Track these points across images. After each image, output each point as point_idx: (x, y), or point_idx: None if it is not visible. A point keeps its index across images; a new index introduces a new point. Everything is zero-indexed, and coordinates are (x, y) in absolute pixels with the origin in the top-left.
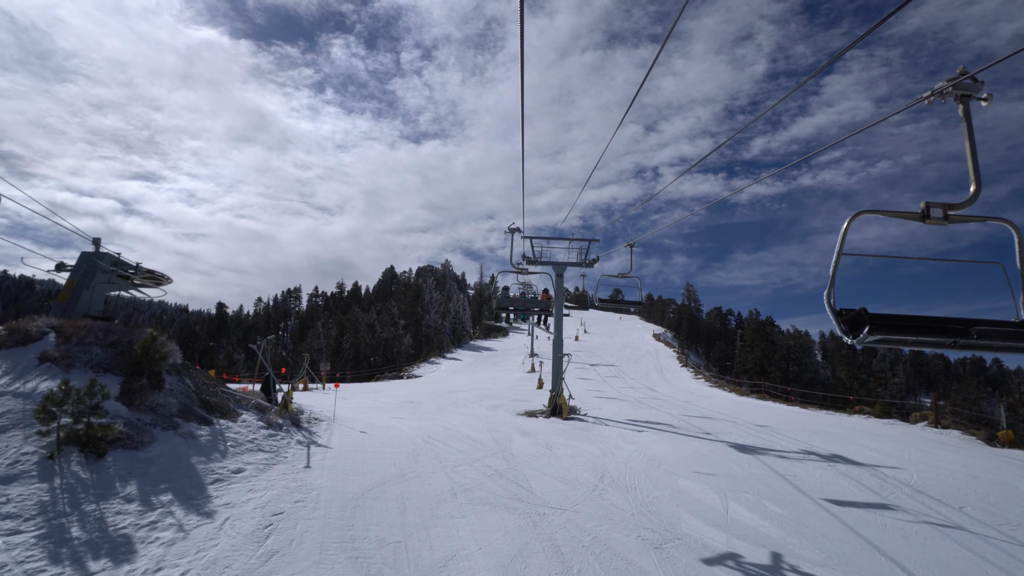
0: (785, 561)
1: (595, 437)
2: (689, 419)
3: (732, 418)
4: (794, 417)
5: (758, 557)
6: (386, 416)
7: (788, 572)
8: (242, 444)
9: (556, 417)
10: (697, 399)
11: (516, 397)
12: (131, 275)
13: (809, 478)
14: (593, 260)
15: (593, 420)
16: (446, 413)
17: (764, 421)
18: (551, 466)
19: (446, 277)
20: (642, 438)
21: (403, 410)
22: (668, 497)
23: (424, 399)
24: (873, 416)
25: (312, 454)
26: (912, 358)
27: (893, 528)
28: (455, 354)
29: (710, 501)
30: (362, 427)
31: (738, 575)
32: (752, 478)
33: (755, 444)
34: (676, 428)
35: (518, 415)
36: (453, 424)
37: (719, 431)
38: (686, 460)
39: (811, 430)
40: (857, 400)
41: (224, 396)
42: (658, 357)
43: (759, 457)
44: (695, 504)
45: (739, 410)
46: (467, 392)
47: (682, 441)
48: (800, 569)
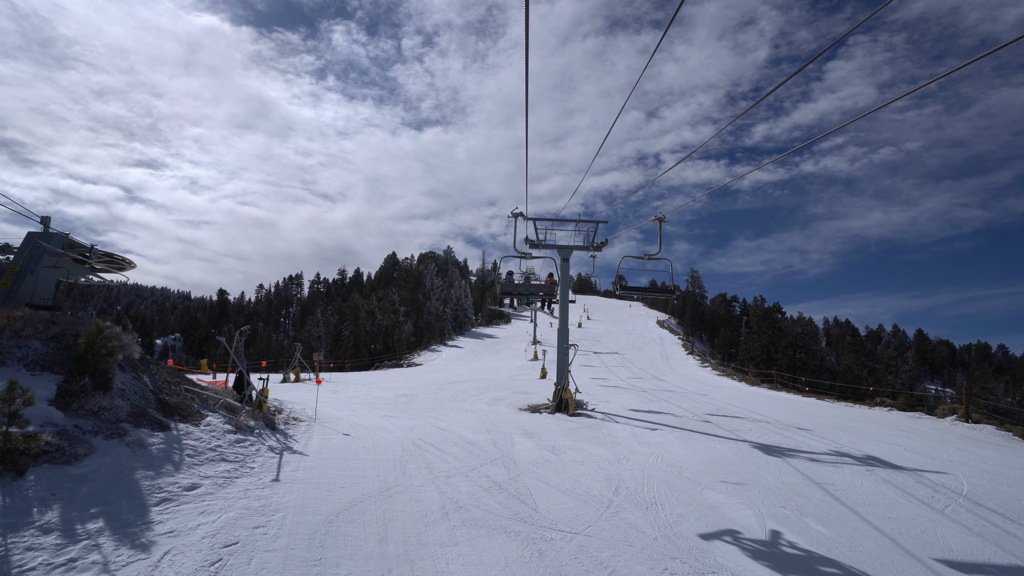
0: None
1: (605, 438)
2: (703, 414)
3: (748, 411)
4: (813, 410)
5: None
6: (375, 414)
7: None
8: (202, 453)
9: (562, 413)
10: (707, 389)
11: (518, 388)
12: (87, 259)
13: (849, 487)
14: (601, 243)
15: (602, 416)
16: (442, 409)
17: (781, 415)
18: (558, 475)
19: (448, 263)
20: (657, 438)
21: (395, 406)
22: (695, 515)
23: (420, 392)
24: (896, 409)
25: (284, 463)
26: (917, 344)
27: (959, 550)
28: (457, 341)
29: (744, 520)
30: (347, 428)
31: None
32: (786, 488)
33: (780, 444)
34: (691, 424)
35: (521, 410)
36: (449, 424)
37: (738, 428)
38: (709, 465)
39: (835, 425)
40: (877, 392)
41: (188, 395)
42: (663, 345)
43: (788, 460)
44: (727, 524)
45: (754, 402)
46: (467, 383)
47: (700, 441)
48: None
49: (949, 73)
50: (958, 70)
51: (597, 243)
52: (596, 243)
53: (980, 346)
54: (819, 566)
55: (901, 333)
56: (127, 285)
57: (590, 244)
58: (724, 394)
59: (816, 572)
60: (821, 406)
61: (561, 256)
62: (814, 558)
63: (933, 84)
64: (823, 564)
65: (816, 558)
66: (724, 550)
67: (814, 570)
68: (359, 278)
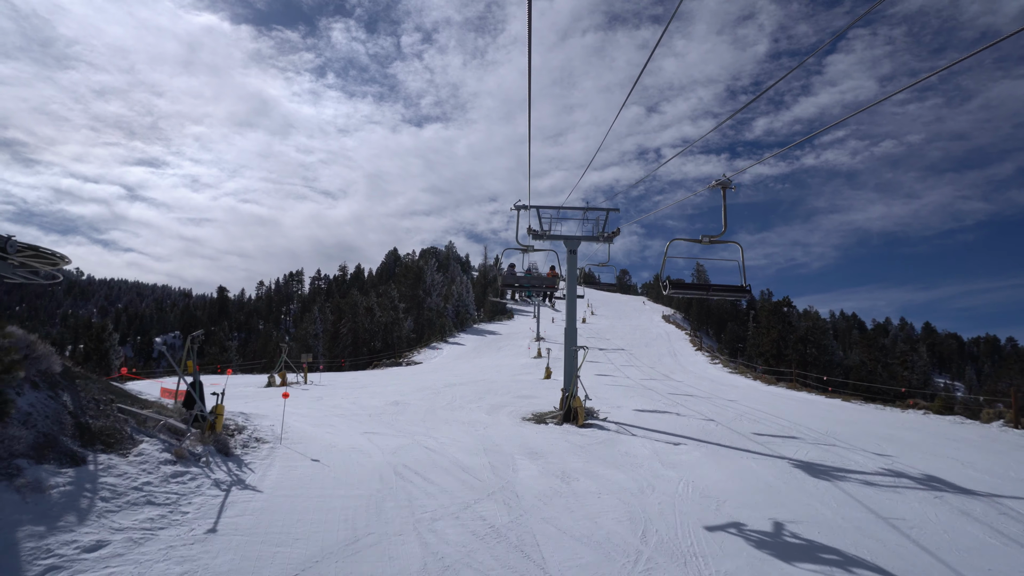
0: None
1: (622, 457)
2: (726, 421)
3: (773, 416)
4: (842, 414)
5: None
6: (356, 431)
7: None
8: (123, 495)
9: (570, 424)
10: (722, 390)
11: (521, 392)
12: (4, 255)
13: (924, 523)
14: (612, 233)
15: (615, 427)
16: (435, 421)
17: (811, 420)
18: (570, 514)
19: (449, 259)
20: (682, 457)
21: (382, 419)
22: (749, 574)
23: (414, 398)
24: (932, 412)
25: (229, 505)
26: (925, 338)
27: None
28: (458, 338)
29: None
30: (317, 452)
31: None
32: (851, 527)
33: (823, 461)
34: (716, 435)
35: (524, 420)
36: (440, 442)
37: (768, 439)
38: (751, 495)
39: (874, 434)
40: (910, 393)
41: (122, 417)
42: (670, 340)
43: (840, 485)
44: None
45: (776, 405)
46: (466, 386)
47: (732, 459)
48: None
49: (950, 66)
50: (959, 63)
51: (608, 232)
52: (607, 232)
53: (989, 339)
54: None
55: (909, 326)
56: (128, 283)
57: (600, 234)
58: (741, 395)
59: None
60: (850, 409)
61: (568, 248)
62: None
63: (934, 77)
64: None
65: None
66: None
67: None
68: (360, 274)
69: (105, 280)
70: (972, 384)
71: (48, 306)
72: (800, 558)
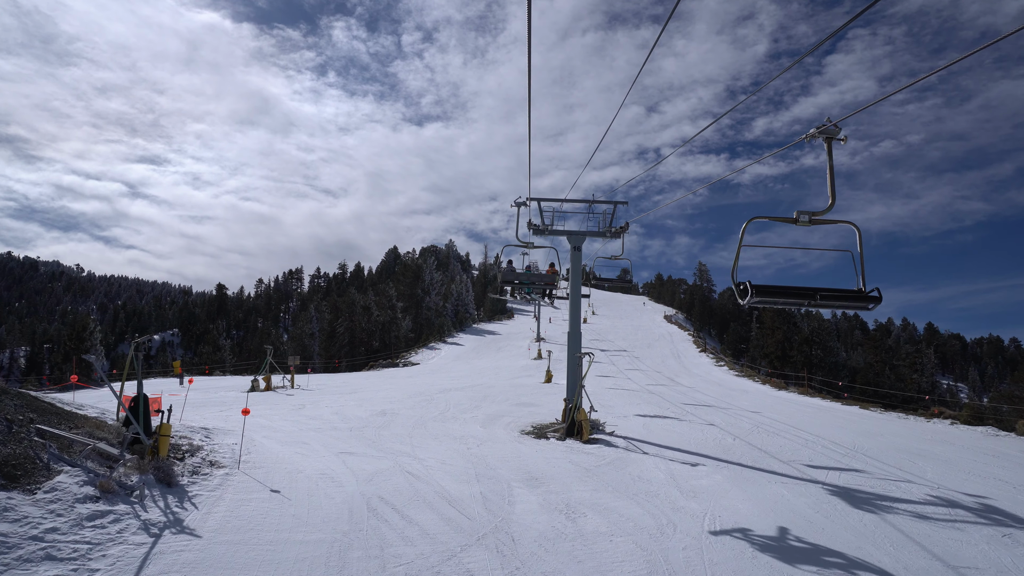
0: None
1: (635, 483)
2: (744, 434)
3: (793, 427)
4: (865, 424)
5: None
6: (331, 450)
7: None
8: (15, 548)
9: (574, 439)
10: (731, 395)
11: (520, 398)
12: None
13: (1003, 572)
14: (620, 228)
15: (623, 443)
16: (424, 436)
17: (834, 431)
18: (577, 565)
19: (449, 257)
20: (703, 481)
21: (363, 434)
22: None
23: (404, 406)
24: (960, 422)
25: (154, 558)
26: (928, 339)
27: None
28: (457, 338)
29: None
30: (280, 479)
31: None
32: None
33: (860, 486)
34: (736, 453)
35: (523, 434)
36: (427, 464)
37: (795, 456)
38: (789, 534)
39: (906, 449)
40: (935, 401)
41: (41, 440)
42: (672, 341)
43: (888, 518)
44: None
45: (793, 414)
46: (461, 391)
47: (758, 484)
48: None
49: (949, 65)
50: (958, 62)
51: (615, 228)
52: (614, 227)
53: (992, 339)
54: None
55: (911, 327)
56: (128, 280)
57: (607, 229)
58: (753, 402)
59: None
60: (871, 419)
61: (571, 244)
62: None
63: (933, 77)
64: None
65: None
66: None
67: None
68: (360, 272)
69: (105, 277)
70: (976, 385)
71: (47, 302)
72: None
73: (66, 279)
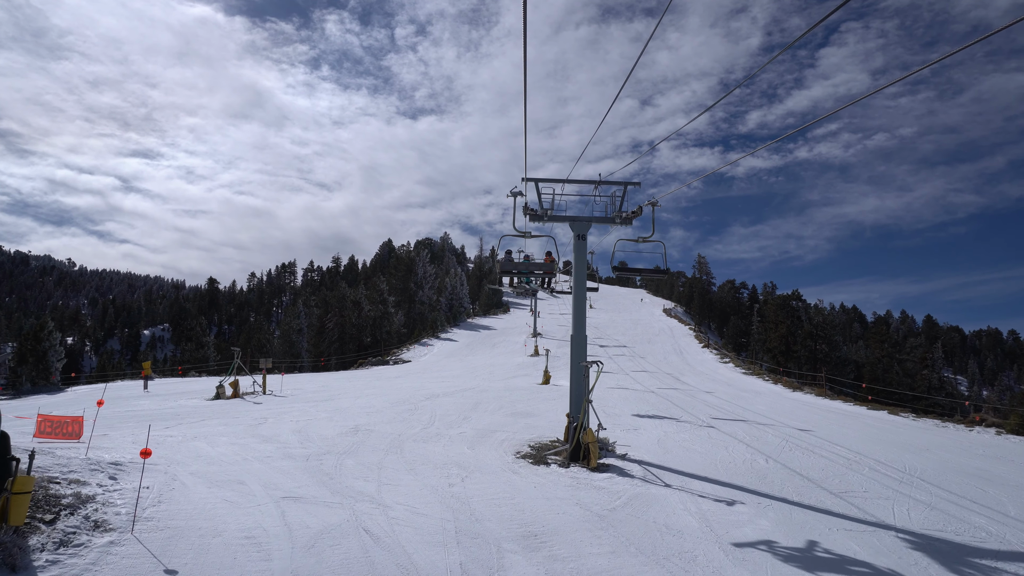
0: None
1: (663, 537)
2: (775, 452)
3: (827, 440)
4: (903, 435)
5: None
6: (275, 491)
7: None
8: None
9: (580, 465)
10: (744, 397)
11: (516, 406)
12: None
13: None
14: (632, 213)
15: (639, 471)
16: (396, 468)
17: (872, 446)
18: None
19: (444, 250)
20: (747, 530)
21: (324, 462)
22: None
23: (382, 418)
24: (1007, 431)
25: None
26: (926, 331)
27: None
28: (450, 334)
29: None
30: (185, 550)
31: None
32: None
33: (940, 531)
34: (777, 482)
35: (518, 457)
36: (391, 517)
37: (848, 486)
38: None
39: (960, 468)
40: (975, 406)
41: None
42: (674, 336)
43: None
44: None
45: (819, 423)
46: (451, 397)
47: (817, 531)
48: None
49: (942, 59)
50: (951, 56)
51: (626, 213)
52: (625, 213)
53: (990, 332)
54: None
55: (910, 319)
56: (120, 274)
57: (616, 214)
58: (769, 406)
59: None
60: (907, 427)
61: (575, 232)
62: None
63: (926, 70)
64: None
65: None
66: None
67: None
68: (354, 266)
69: (97, 271)
70: (975, 378)
71: (38, 297)
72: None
73: (57, 273)
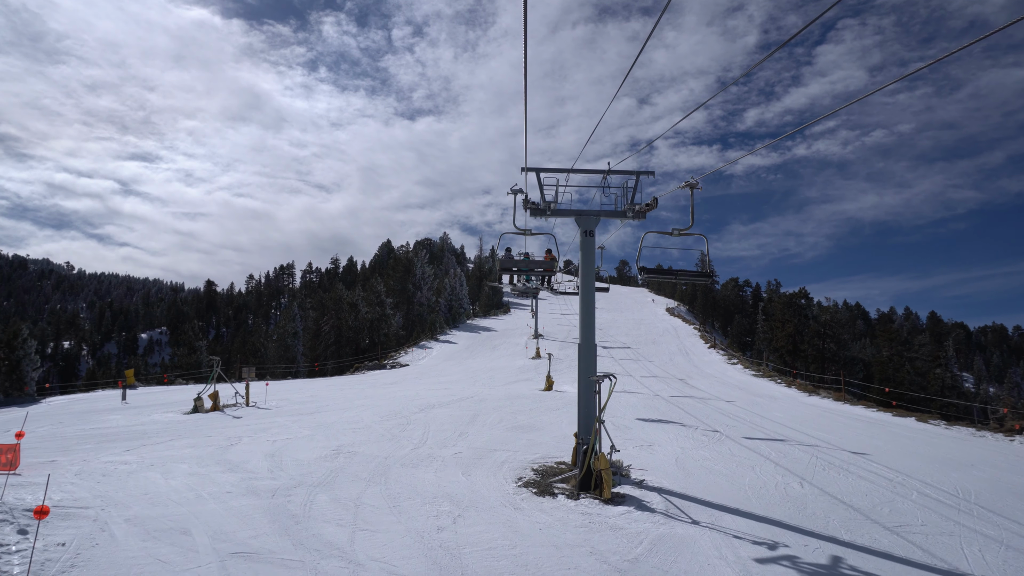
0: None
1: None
2: (810, 474)
3: (861, 455)
4: (939, 447)
5: None
6: (221, 546)
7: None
8: None
9: (591, 496)
10: (758, 403)
11: (518, 418)
12: None
13: None
14: (646, 206)
15: (660, 502)
16: (377, 505)
17: (913, 463)
18: None
19: (444, 250)
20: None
21: (292, 500)
22: None
23: (369, 436)
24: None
25: None
26: (931, 328)
27: None
28: (450, 336)
29: None
30: None
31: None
32: None
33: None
34: (818, 514)
35: (519, 487)
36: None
37: (902, 519)
38: None
39: (1020, 492)
40: (1015, 414)
41: None
42: (679, 336)
43: None
44: None
45: (847, 434)
46: (446, 408)
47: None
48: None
49: (943, 58)
50: (953, 54)
51: (639, 206)
52: (638, 205)
53: (996, 328)
54: None
55: (914, 316)
56: (119, 277)
57: (628, 206)
58: (787, 412)
59: None
60: (942, 437)
61: (581, 227)
62: None
63: (923, 67)
64: None
65: None
66: None
67: None
68: (353, 267)
69: (96, 274)
70: (981, 375)
71: (36, 301)
72: None
73: (55, 277)
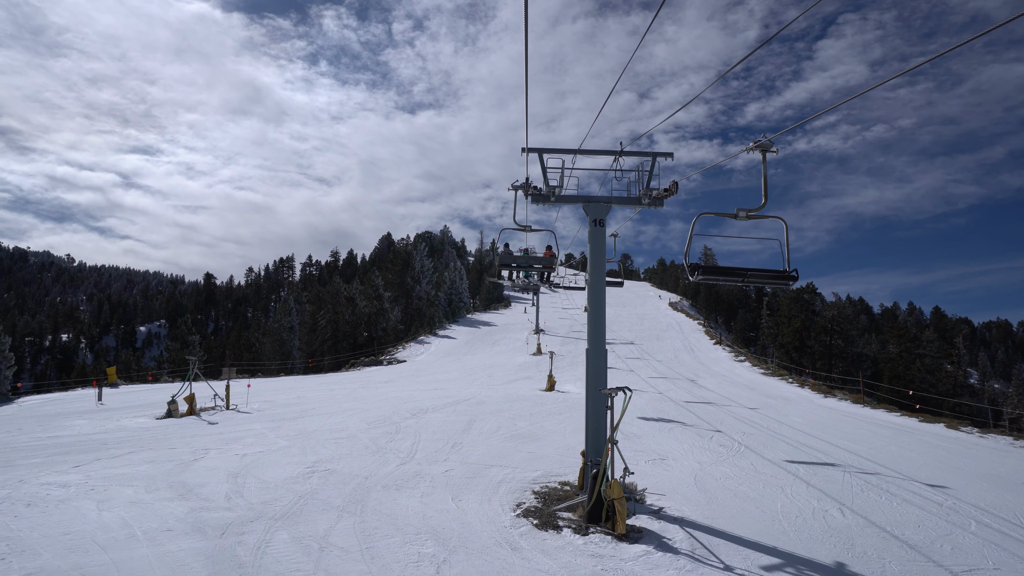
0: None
1: None
2: (847, 497)
3: (897, 472)
4: (978, 459)
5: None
6: None
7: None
8: None
9: (601, 530)
10: (773, 407)
11: (517, 425)
12: None
13: None
14: (664, 191)
15: (683, 539)
16: (346, 547)
17: (959, 481)
18: None
19: (444, 243)
20: None
21: (241, 543)
22: None
23: (352, 449)
24: None
25: None
26: (935, 323)
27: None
28: (449, 330)
29: None
30: None
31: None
32: None
33: None
34: (868, 552)
35: (518, 517)
36: None
37: (968, 558)
38: None
39: None
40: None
41: None
42: (683, 332)
43: None
44: None
45: (872, 442)
46: (440, 413)
47: None
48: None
49: (944, 53)
50: (954, 49)
51: (656, 191)
52: (655, 191)
53: (1000, 323)
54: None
55: (918, 311)
56: (119, 270)
57: (643, 192)
58: (804, 417)
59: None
60: (978, 447)
61: (591, 216)
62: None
63: (924, 62)
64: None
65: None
66: None
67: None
68: (352, 260)
69: (96, 267)
70: (986, 371)
71: (36, 293)
72: None
73: (56, 269)
